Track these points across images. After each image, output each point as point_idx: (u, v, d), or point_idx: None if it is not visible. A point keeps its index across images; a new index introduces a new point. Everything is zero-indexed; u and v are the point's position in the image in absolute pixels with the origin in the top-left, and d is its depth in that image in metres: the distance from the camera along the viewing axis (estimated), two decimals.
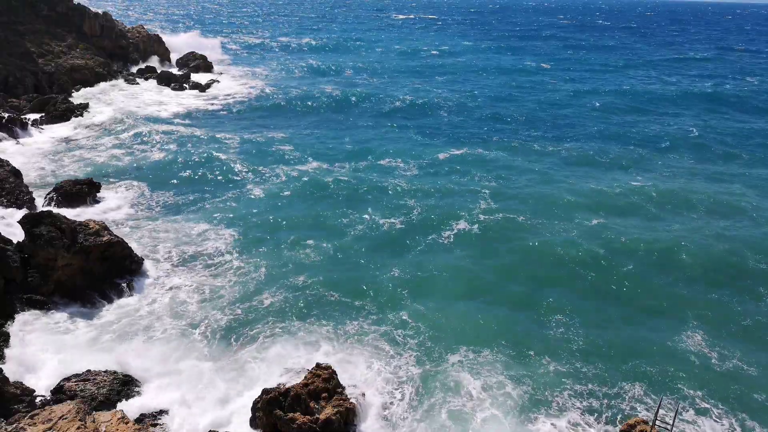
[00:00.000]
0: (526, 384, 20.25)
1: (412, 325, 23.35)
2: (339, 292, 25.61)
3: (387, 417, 18.69)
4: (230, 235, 30.49)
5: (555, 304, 25.32)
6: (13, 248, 23.80)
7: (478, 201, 35.94)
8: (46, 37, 63.51)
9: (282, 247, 29.50)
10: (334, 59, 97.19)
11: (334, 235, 30.98)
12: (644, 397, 20.04)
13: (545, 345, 22.55)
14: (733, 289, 27.15)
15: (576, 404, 19.56)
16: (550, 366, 21.32)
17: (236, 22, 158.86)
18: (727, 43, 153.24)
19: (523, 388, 20.01)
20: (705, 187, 39.69)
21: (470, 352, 21.82)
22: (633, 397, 20.02)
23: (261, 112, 58.68)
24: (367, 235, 31.41)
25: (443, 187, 38.31)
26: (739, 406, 19.71)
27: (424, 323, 23.46)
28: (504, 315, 24.32)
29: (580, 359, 21.79)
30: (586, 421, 18.87)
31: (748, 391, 20.46)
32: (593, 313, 24.80)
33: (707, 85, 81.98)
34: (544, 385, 20.26)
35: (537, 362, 21.48)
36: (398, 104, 63.91)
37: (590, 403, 19.65)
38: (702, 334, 23.53)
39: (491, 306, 24.97)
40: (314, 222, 32.69)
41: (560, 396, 19.88)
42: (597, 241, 30.95)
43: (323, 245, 29.78)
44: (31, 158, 40.59)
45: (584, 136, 53.22)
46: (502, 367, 21.07)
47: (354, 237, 31.06)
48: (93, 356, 20.59)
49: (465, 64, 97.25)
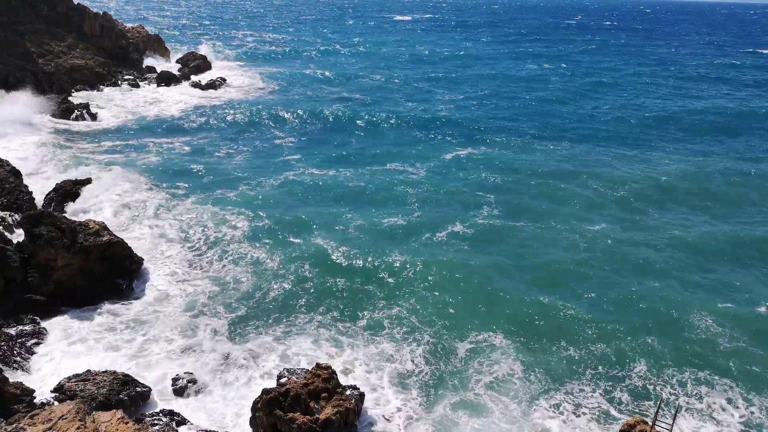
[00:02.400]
0: (526, 384, 20.26)
1: (415, 323, 23.36)
2: (341, 290, 25.67)
3: (387, 417, 18.70)
4: (230, 234, 30.47)
5: (560, 299, 25.38)
6: (13, 248, 23.81)
7: (485, 198, 36.30)
8: (46, 37, 63.49)
9: (283, 246, 29.49)
10: (336, 59, 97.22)
11: (336, 234, 30.97)
12: (644, 396, 20.04)
13: (546, 344, 22.57)
14: (739, 283, 27.20)
15: (576, 403, 19.57)
16: (551, 363, 21.40)
17: (236, 22, 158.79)
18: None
19: (523, 388, 20.03)
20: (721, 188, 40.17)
21: (474, 349, 21.88)
22: (633, 396, 20.02)
23: (262, 111, 58.59)
24: (372, 231, 31.45)
25: (450, 184, 38.58)
26: (740, 405, 19.72)
27: (428, 321, 23.51)
28: (505, 315, 24.31)
29: (582, 356, 21.85)
30: (586, 420, 18.86)
31: (749, 390, 20.47)
32: (597, 311, 24.80)
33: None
34: (544, 384, 20.29)
35: (537, 362, 21.47)
36: (404, 104, 63.93)
37: (590, 402, 19.65)
38: (705, 333, 23.54)
39: (492, 306, 24.94)
40: (316, 221, 32.64)
41: (560, 395, 19.90)
42: (602, 238, 31.19)
43: (326, 243, 29.79)
44: (31, 158, 40.55)
45: (590, 135, 53.35)
46: (505, 364, 21.12)
47: (357, 234, 31.09)
48: (93, 356, 20.60)
49: (475, 63, 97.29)
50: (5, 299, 22.39)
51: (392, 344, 22.08)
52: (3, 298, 22.36)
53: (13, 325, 21.56)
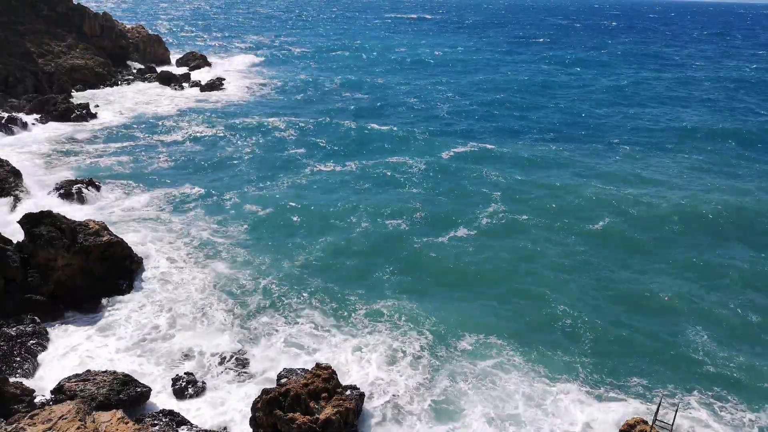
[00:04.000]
0: (525, 384, 20.25)
1: (414, 322, 23.34)
2: (342, 288, 25.72)
3: (387, 416, 18.69)
4: (230, 233, 30.48)
5: (561, 298, 25.38)
6: (13, 248, 23.80)
7: (489, 196, 36.43)
8: (46, 37, 63.52)
9: (285, 244, 29.53)
10: (337, 59, 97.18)
11: (337, 232, 31.03)
12: (644, 397, 20.03)
13: (547, 343, 22.55)
14: (741, 291, 27.15)
15: (576, 402, 19.54)
16: (552, 361, 21.42)
17: (236, 23, 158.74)
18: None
19: (522, 387, 20.01)
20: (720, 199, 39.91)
21: (474, 347, 21.88)
22: (633, 396, 20.00)
23: (263, 111, 58.62)
24: (374, 231, 31.45)
25: (453, 183, 38.66)
26: (740, 405, 19.70)
27: (427, 321, 23.49)
28: (506, 314, 24.31)
29: (582, 356, 21.84)
30: (586, 420, 18.84)
31: (750, 389, 20.45)
32: (597, 311, 24.79)
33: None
34: (542, 384, 20.27)
35: (538, 361, 21.46)
36: (404, 103, 63.95)
37: (590, 401, 19.63)
38: (705, 333, 23.51)
39: (494, 305, 24.95)
40: (317, 219, 32.70)
41: (559, 395, 19.86)
42: (603, 237, 31.31)
43: (326, 241, 29.89)
44: (30, 157, 40.55)
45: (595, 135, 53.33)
46: (505, 364, 21.10)
47: (359, 231, 31.16)
48: (93, 356, 20.59)
49: (478, 62, 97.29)
50: (5, 299, 22.38)
51: (393, 342, 22.03)
52: (3, 298, 22.34)
53: (13, 325, 21.52)
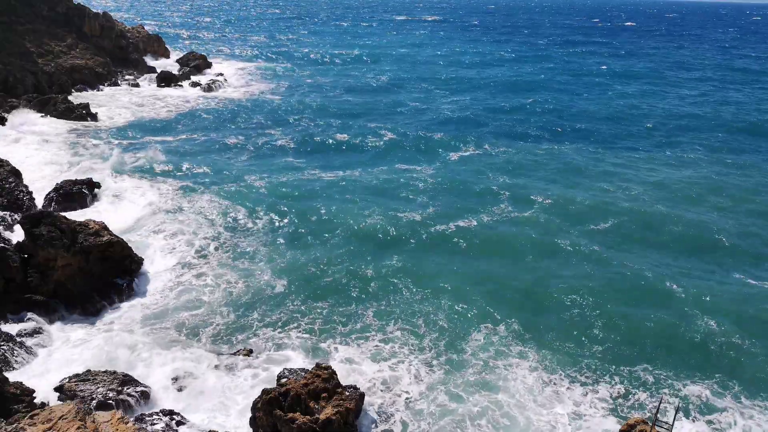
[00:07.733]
0: (524, 383, 20.26)
1: (415, 322, 23.37)
2: (344, 288, 25.77)
3: (388, 416, 18.69)
4: (231, 233, 30.49)
5: (563, 299, 25.46)
6: (13, 248, 23.80)
7: (494, 198, 36.54)
8: (46, 37, 63.46)
9: (286, 245, 29.56)
10: (338, 59, 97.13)
11: (337, 232, 31.02)
12: (644, 397, 20.03)
13: (548, 343, 22.60)
14: (740, 284, 27.18)
15: (575, 402, 19.55)
16: (550, 363, 21.42)
17: (237, 23, 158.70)
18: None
19: (521, 388, 20.03)
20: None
21: (477, 346, 21.92)
22: (633, 396, 20.01)
23: (262, 111, 58.61)
24: (375, 231, 31.45)
25: (459, 184, 38.75)
26: (739, 407, 19.71)
27: (428, 320, 23.53)
28: (508, 313, 24.34)
29: (581, 356, 21.89)
30: (585, 420, 18.85)
31: (749, 391, 20.46)
32: (599, 310, 24.81)
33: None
34: (543, 384, 20.28)
35: (536, 360, 21.48)
36: (407, 104, 63.95)
37: (590, 401, 19.64)
38: (705, 333, 23.51)
39: (494, 305, 24.94)
40: (318, 220, 32.67)
41: (559, 395, 19.88)
42: (606, 237, 31.35)
43: (327, 242, 29.92)
44: (29, 157, 40.54)
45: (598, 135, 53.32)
46: (505, 363, 21.12)
47: (361, 232, 31.19)
48: (93, 356, 20.57)
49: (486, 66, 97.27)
50: (5, 299, 22.37)
51: (393, 342, 22.08)
52: (3, 298, 22.34)
53: (14, 325, 21.53)
